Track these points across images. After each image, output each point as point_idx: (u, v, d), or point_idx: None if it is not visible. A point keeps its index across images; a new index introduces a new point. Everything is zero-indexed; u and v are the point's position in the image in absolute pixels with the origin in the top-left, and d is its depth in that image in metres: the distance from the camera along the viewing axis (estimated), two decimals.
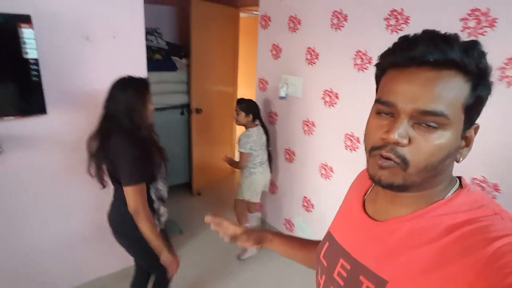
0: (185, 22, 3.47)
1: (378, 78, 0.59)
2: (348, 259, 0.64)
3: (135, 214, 1.43)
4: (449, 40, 0.50)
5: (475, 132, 0.56)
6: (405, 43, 0.52)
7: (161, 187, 1.61)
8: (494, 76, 0.52)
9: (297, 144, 2.61)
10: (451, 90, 0.50)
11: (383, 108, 0.54)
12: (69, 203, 2.01)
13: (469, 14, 1.56)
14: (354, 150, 2.17)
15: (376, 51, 1.93)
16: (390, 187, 0.55)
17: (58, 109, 1.81)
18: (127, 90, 1.48)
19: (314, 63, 2.33)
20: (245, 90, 4.73)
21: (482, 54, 0.51)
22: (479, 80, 0.51)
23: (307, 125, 2.47)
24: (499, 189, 1.60)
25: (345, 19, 2.07)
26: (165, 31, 3.54)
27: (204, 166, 3.76)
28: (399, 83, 0.52)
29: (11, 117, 1.67)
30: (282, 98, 2.58)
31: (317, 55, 2.29)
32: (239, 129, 3.24)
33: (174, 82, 3.38)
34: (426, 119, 0.50)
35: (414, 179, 0.53)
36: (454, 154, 0.54)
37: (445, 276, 0.48)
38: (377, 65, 0.59)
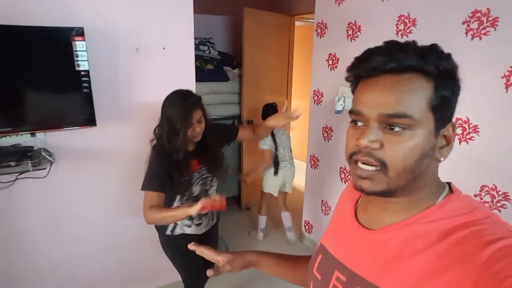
0: (237, 31, 3.42)
1: (353, 92, 0.62)
2: (344, 271, 0.64)
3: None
4: (405, 48, 0.53)
5: (453, 129, 0.57)
6: (364, 55, 0.56)
7: (184, 202, 1.59)
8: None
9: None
10: (412, 91, 0.52)
11: (353, 117, 0.57)
12: (117, 213, 2.00)
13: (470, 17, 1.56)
14: None
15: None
16: (375, 194, 0.56)
17: (107, 121, 1.81)
18: (171, 108, 1.46)
19: None
20: (299, 102, 4.56)
21: (442, 56, 0.53)
22: (441, 80, 0.53)
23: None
24: (510, 199, 1.53)
25: (414, 24, 1.82)
26: (218, 41, 3.51)
27: (254, 179, 3.63)
28: (364, 93, 0.56)
29: (64, 128, 1.70)
30: (338, 112, 2.36)
31: None
32: (293, 142, 3.09)
33: (225, 92, 3.32)
34: (391, 122, 0.52)
35: (398, 183, 0.54)
36: (431, 153, 0.55)
37: (442, 284, 0.49)
38: (347, 79, 0.62)
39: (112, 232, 2.03)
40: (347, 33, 2.26)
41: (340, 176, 2.50)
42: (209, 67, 3.15)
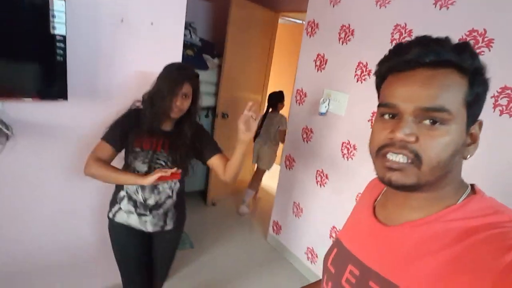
0: (221, 19, 3.28)
1: (379, 86, 0.61)
2: (357, 265, 0.64)
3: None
4: (442, 42, 0.52)
5: (480, 128, 0.57)
6: (400, 48, 0.55)
7: (139, 168, 1.42)
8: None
9: (332, 168, 2.36)
10: (449, 86, 0.51)
11: (386, 110, 0.56)
12: (77, 203, 1.79)
13: (467, 35, 1.61)
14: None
15: None
16: (402, 187, 0.54)
17: (80, 97, 1.60)
18: (164, 73, 1.39)
19: (364, 80, 2.09)
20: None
21: (475, 54, 0.53)
22: (475, 77, 0.53)
23: (348, 148, 2.22)
24: None
25: (409, 35, 1.83)
26: (199, 27, 3.35)
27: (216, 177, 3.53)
28: (398, 86, 0.54)
29: (27, 99, 1.47)
30: (322, 114, 2.33)
31: (369, 71, 2.05)
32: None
33: (203, 82, 3.16)
34: (429, 116, 0.51)
35: (428, 178, 0.53)
36: (461, 150, 0.54)
37: (457, 286, 0.47)
38: (375, 74, 0.61)
39: (66, 226, 1.82)
40: (339, 35, 2.23)
41: (316, 179, 2.48)
42: (189, 52, 2.99)
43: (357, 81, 2.13)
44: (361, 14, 2.09)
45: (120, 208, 1.47)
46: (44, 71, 1.47)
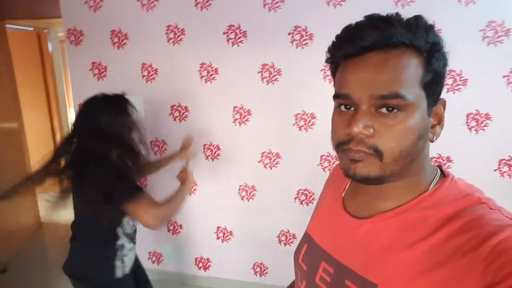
0: None
1: (333, 74, 0.59)
2: (331, 262, 0.60)
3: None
4: (391, 21, 0.50)
5: (443, 107, 0.56)
6: (349, 32, 0.52)
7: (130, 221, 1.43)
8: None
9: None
10: (404, 69, 0.49)
11: (341, 101, 0.54)
12: None
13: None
14: (214, 159, 2.24)
15: (219, 63, 2.07)
16: (366, 180, 0.52)
17: None
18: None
19: (154, 79, 2.21)
20: (38, 121, 3.81)
21: (428, 28, 0.51)
22: (432, 54, 0.51)
23: (157, 145, 2.32)
24: None
25: (183, 33, 2.09)
26: None
27: (2, 231, 2.77)
28: (350, 73, 0.52)
29: None
30: None
31: (156, 70, 2.19)
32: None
33: None
34: (385, 104, 0.49)
35: (393, 168, 0.51)
36: (425, 134, 0.53)
37: (439, 279, 0.46)
38: (328, 61, 0.59)
39: None
40: (112, 40, 2.21)
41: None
42: None
43: (146, 82, 2.22)
44: (128, 18, 2.14)
45: (124, 256, 1.41)
46: None
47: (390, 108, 0.49)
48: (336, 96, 0.55)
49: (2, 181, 2.76)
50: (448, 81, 1.84)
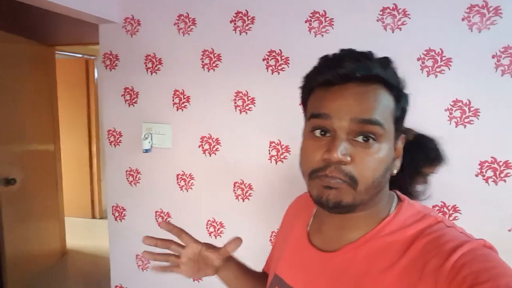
0: None
1: (305, 100, 0.59)
2: None
3: None
4: (370, 56, 0.53)
5: (402, 142, 0.59)
6: (331, 61, 0.54)
7: None
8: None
9: (171, 204, 2.17)
10: (381, 101, 0.52)
11: (318, 122, 0.53)
12: None
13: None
14: (248, 199, 1.97)
15: (257, 91, 1.85)
16: (338, 206, 0.52)
17: None
18: None
19: (185, 108, 2.04)
20: (73, 145, 3.84)
21: (395, 69, 0.55)
22: (400, 92, 0.55)
23: (184, 179, 2.11)
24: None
25: (219, 59, 1.92)
26: None
27: (24, 255, 2.67)
28: (330, 100, 0.52)
29: None
30: (147, 151, 2.12)
31: (188, 98, 2.02)
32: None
33: None
34: (364, 131, 0.50)
35: (363, 197, 0.53)
36: (391, 166, 0.55)
37: None
38: (303, 87, 0.60)
39: None
40: (146, 65, 2.09)
41: (157, 221, 2.23)
42: None
43: (177, 110, 2.06)
44: (164, 42, 2.03)
45: None
46: None
47: (366, 138, 0.51)
48: (314, 116, 0.54)
49: (31, 202, 2.72)
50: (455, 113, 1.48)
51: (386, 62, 0.54)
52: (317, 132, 0.53)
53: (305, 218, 0.69)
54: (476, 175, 1.58)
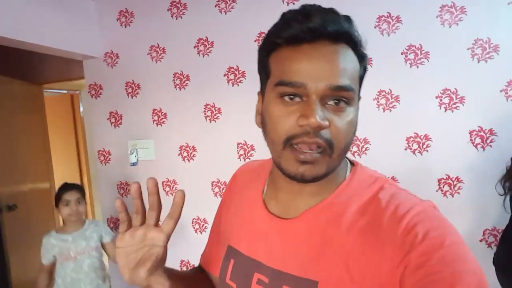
0: None
1: (264, 59, 0.54)
2: (265, 271, 0.56)
3: None
4: (336, 12, 0.49)
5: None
6: (299, 15, 0.48)
7: None
8: None
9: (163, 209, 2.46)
10: (349, 63, 0.49)
11: (289, 90, 0.48)
12: None
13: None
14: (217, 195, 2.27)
15: (222, 102, 2.20)
16: (314, 180, 0.51)
17: None
18: None
19: (164, 123, 2.36)
20: (69, 178, 4.06)
21: (357, 27, 0.51)
22: (363, 52, 0.52)
23: (168, 185, 2.41)
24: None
25: (188, 79, 2.27)
26: None
27: (30, 280, 2.87)
28: (301, 61, 0.48)
29: None
30: (134, 164, 2.42)
31: (165, 114, 2.35)
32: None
33: None
34: (338, 95, 0.48)
35: (336, 164, 0.51)
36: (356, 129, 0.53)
37: (366, 260, 0.47)
38: (265, 44, 0.54)
39: None
40: (127, 91, 2.43)
41: None
42: None
43: (157, 126, 2.38)
44: (140, 70, 2.37)
45: None
46: None
47: (337, 101, 0.48)
48: (282, 84, 0.49)
49: (30, 239, 2.93)
50: (445, 99, 1.84)
51: (349, 19, 0.50)
52: (286, 97, 0.49)
53: (259, 186, 0.65)
54: (405, 149, 1.94)
